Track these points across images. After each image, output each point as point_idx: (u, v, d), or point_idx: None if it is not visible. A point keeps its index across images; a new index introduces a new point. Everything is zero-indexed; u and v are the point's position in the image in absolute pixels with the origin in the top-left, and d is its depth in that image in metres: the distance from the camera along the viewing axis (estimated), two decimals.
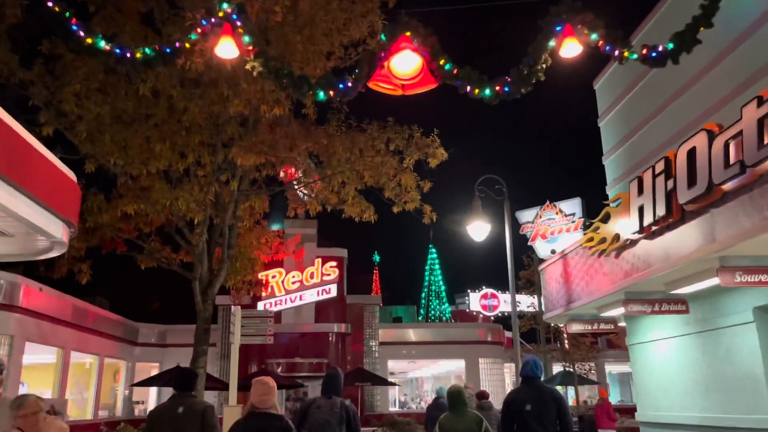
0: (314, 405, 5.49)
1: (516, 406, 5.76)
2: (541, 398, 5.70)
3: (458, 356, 24.23)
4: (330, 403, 5.46)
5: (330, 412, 5.41)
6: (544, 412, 5.62)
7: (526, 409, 5.67)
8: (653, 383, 11.34)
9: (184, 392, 5.19)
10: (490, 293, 33.33)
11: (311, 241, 22.98)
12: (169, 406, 5.10)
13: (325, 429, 5.29)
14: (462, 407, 5.76)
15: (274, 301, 22.27)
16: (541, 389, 5.82)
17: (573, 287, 11.51)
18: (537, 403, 5.66)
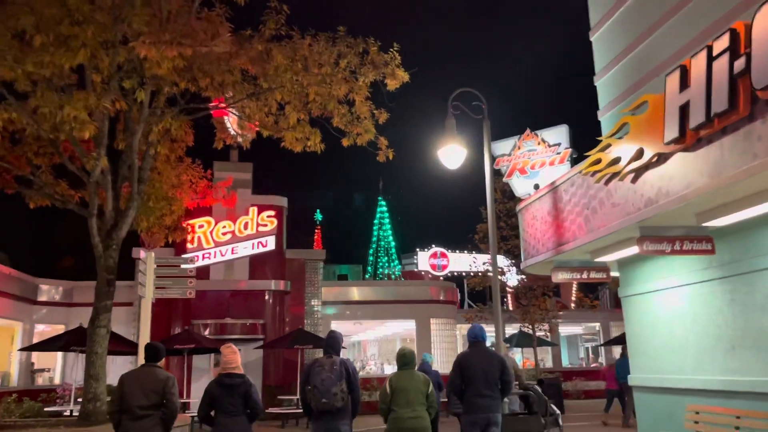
0: (316, 364, 5.92)
1: (464, 366, 6.49)
2: (487, 360, 6.47)
3: (408, 316, 22.20)
4: (330, 362, 5.88)
5: (331, 369, 5.83)
6: (489, 372, 6.39)
7: (473, 370, 6.40)
8: (655, 342, 9.48)
9: (150, 363, 5.83)
10: (439, 252, 31.52)
11: (245, 187, 20.15)
12: (137, 375, 5.73)
13: (327, 385, 5.74)
14: (411, 367, 6.22)
15: (201, 254, 19.41)
16: (486, 352, 6.60)
17: (566, 226, 9.42)
18: (482, 365, 6.43)
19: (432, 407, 6.07)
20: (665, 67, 7.69)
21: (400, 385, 6.04)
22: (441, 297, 22.92)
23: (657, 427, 9.14)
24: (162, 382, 5.64)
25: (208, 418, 5.68)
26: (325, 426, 5.80)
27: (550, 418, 11.38)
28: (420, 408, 5.96)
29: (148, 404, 5.55)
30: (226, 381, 5.64)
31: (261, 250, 19.94)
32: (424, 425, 5.93)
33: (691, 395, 8.53)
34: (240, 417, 5.60)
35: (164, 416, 5.62)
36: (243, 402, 5.62)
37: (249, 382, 5.70)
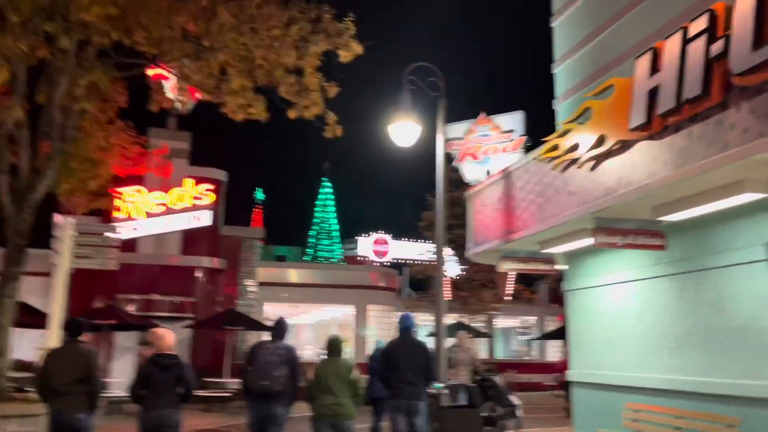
0: (262, 347, 6.11)
1: (392, 355, 6.73)
2: (413, 348, 6.70)
3: (346, 302, 21.70)
4: (275, 346, 6.07)
5: (275, 353, 6.00)
6: (415, 360, 6.58)
7: (399, 358, 6.61)
8: (598, 338, 9.30)
9: (72, 338, 5.86)
10: (381, 239, 31.09)
11: (182, 157, 19.04)
12: (61, 351, 5.88)
13: (269, 368, 5.87)
14: (338, 354, 6.21)
15: (130, 225, 18.22)
16: (413, 341, 6.83)
17: (517, 214, 9.06)
18: (409, 354, 6.63)
19: (356, 394, 6.10)
20: (635, 51, 7.36)
21: (324, 373, 6.08)
22: (381, 283, 22.52)
23: (594, 424, 8.96)
24: (85, 357, 5.65)
25: (139, 397, 5.68)
26: (262, 408, 5.92)
27: (508, 409, 11.23)
28: (342, 395, 5.98)
29: (71, 380, 5.52)
30: (160, 361, 5.70)
31: (195, 225, 18.92)
32: (345, 412, 5.97)
33: (632, 393, 8.37)
34: (172, 397, 5.64)
35: (89, 392, 5.60)
36: (176, 382, 5.67)
37: (183, 363, 5.79)
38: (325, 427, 5.98)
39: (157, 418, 5.57)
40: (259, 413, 5.96)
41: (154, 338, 5.97)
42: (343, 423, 5.99)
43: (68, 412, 5.54)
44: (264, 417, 6.02)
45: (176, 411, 5.67)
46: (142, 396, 5.64)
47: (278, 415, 5.98)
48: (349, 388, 6.05)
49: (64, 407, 5.54)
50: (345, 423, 6.00)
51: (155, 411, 5.57)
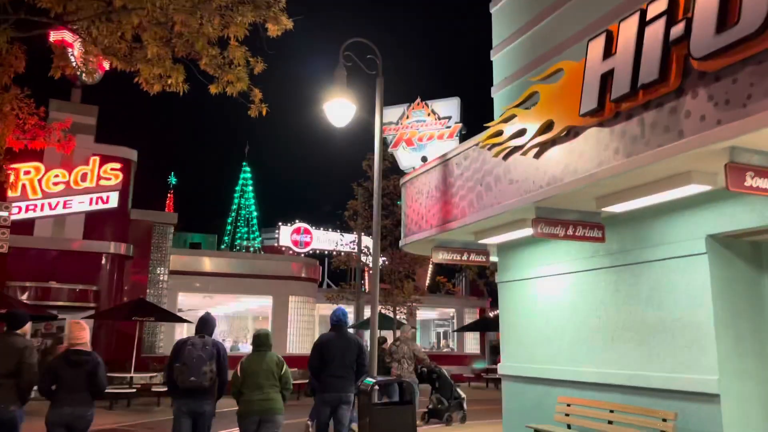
0: (188, 343, 5.93)
1: (324, 348, 6.79)
2: (346, 342, 6.80)
3: (265, 292, 20.80)
4: (202, 342, 5.93)
5: (202, 348, 5.87)
6: (347, 353, 6.73)
7: (332, 352, 6.70)
8: (530, 330, 9.15)
9: (10, 330, 5.73)
10: (303, 228, 30.29)
11: (87, 133, 17.42)
12: None
13: (197, 364, 5.73)
14: (266, 349, 6.17)
15: (25, 205, 16.48)
16: (346, 335, 6.94)
17: (455, 202, 8.71)
18: (341, 346, 6.75)
19: (286, 388, 6.12)
20: (585, 34, 7.14)
21: (251, 369, 6.04)
22: (302, 274, 21.80)
23: (524, 417, 8.81)
24: (19, 350, 5.58)
25: (49, 393, 5.59)
26: (189, 404, 5.82)
27: (455, 401, 11.14)
28: (271, 390, 5.99)
29: (4, 372, 5.46)
30: (72, 357, 5.61)
31: (100, 207, 17.41)
32: (273, 407, 5.97)
33: (564, 386, 8.25)
34: (82, 394, 5.57)
35: (20, 384, 5.54)
36: (87, 380, 5.58)
37: (96, 360, 5.70)
38: (252, 423, 5.93)
39: (68, 416, 5.51)
40: (187, 410, 5.84)
41: (67, 332, 6.22)
42: (272, 418, 5.96)
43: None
44: (191, 413, 5.86)
45: (88, 409, 5.63)
46: (52, 390, 5.58)
47: (206, 411, 5.90)
48: (278, 383, 6.07)
49: None
50: (274, 418, 5.98)
51: (65, 408, 5.51)
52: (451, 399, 11.34)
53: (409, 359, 10.82)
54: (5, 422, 5.48)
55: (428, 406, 11.50)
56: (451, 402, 11.28)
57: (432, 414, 11.32)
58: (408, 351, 10.92)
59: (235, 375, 6.06)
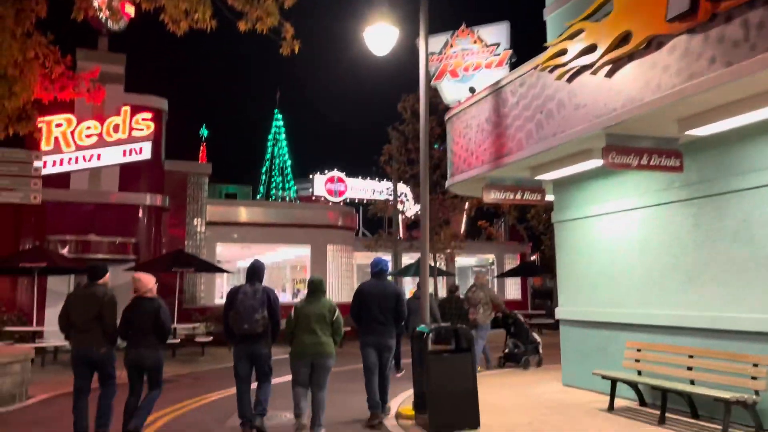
0: (240, 291, 6.19)
1: (363, 296, 7.03)
2: (384, 290, 7.01)
3: (303, 242, 20.47)
4: (253, 289, 6.19)
5: (253, 296, 6.13)
6: (385, 301, 6.91)
7: (370, 299, 6.93)
8: (592, 272, 8.50)
9: (92, 281, 6.24)
10: (337, 176, 29.78)
11: (116, 82, 16.94)
12: (81, 293, 6.27)
13: (249, 311, 6.05)
14: (319, 294, 6.38)
15: (59, 158, 16.26)
16: (385, 283, 7.15)
17: (510, 134, 7.97)
18: (380, 294, 6.96)
19: (337, 333, 6.29)
20: None
21: (304, 312, 6.21)
22: (339, 222, 21.36)
23: (586, 363, 8.26)
24: (100, 299, 6.06)
25: (124, 336, 6.11)
26: (245, 349, 6.15)
27: (531, 346, 11.35)
28: (322, 334, 6.15)
29: (90, 318, 5.99)
30: (140, 304, 6.11)
31: (134, 158, 17.07)
32: (322, 350, 6.13)
33: (632, 331, 7.65)
34: (150, 336, 6.04)
35: (104, 329, 6.01)
36: (153, 323, 6.03)
37: (159, 305, 6.14)
38: (304, 366, 6.13)
39: (137, 356, 6.02)
40: (244, 353, 6.18)
41: (133, 281, 6.30)
42: (322, 361, 6.14)
43: (86, 346, 6.01)
44: (249, 356, 6.19)
45: (153, 350, 6.05)
46: (129, 334, 6.10)
47: (261, 354, 6.21)
48: (330, 328, 6.21)
49: (83, 343, 6.03)
50: (324, 361, 6.15)
51: (135, 350, 6.03)
52: (527, 343, 11.41)
53: (486, 305, 10.84)
54: (96, 361, 6.04)
55: (504, 351, 11.66)
56: (528, 346, 11.36)
57: (508, 358, 11.49)
58: (484, 296, 10.93)
59: (289, 318, 6.25)
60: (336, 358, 6.28)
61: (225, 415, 7.43)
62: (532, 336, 11.43)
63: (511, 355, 11.45)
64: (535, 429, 6.40)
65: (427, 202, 7.80)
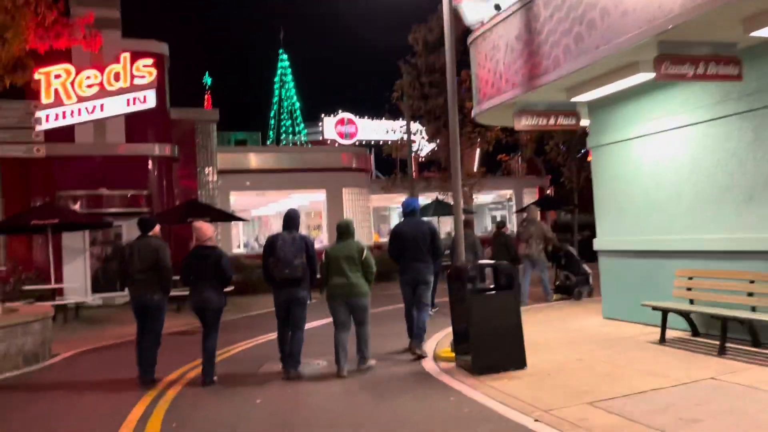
0: (279, 239, 6.40)
1: (399, 235, 7.40)
2: (418, 228, 7.34)
3: (317, 186, 20.00)
4: (291, 237, 6.40)
5: (292, 243, 6.34)
6: (419, 239, 7.22)
7: (405, 237, 7.27)
8: (634, 198, 7.94)
9: (144, 234, 6.77)
10: (347, 118, 29.00)
11: (113, 27, 16.10)
12: (135, 244, 6.71)
13: (289, 257, 6.26)
14: (348, 237, 6.61)
15: (62, 111, 15.63)
16: (418, 222, 7.52)
17: (544, 52, 7.26)
18: (414, 232, 7.27)
19: (369, 272, 6.49)
20: None
21: (334, 255, 6.50)
22: (353, 164, 20.82)
23: (631, 295, 7.82)
24: (154, 250, 6.57)
25: (187, 282, 6.57)
26: (285, 294, 6.37)
27: (582, 277, 11.34)
28: (353, 275, 6.38)
29: (145, 268, 6.49)
30: (200, 252, 6.48)
31: (138, 107, 16.38)
32: (355, 290, 6.38)
33: (682, 258, 7.15)
34: (212, 281, 6.39)
35: (159, 278, 6.53)
36: (214, 269, 6.38)
37: (220, 253, 6.52)
38: (339, 306, 6.42)
39: (201, 300, 6.38)
40: (284, 298, 6.40)
41: (194, 230, 6.67)
42: (356, 300, 6.39)
43: (144, 294, 6.55)
44: (287, 301, 6.39)
45: (215, 294, 6.41)
46: (190, 282, 6.49)
47: (300, 297, 6.39)
48: (360, 268, 6.42)
49: (140, 291, 6.56)
50: (358, 300, 6.40)
51: (199, 295, 6.39)
52: (578, 275, 11.36)
53: (538, 239, 11.03)
54: (151, 307, 6.57)
55: (556, 283, 11.77)
56: (579, 278, 11.34)
57: (559, 290, 11.59)
58: (536, 231, 11.10)
59: (321, 261, 6.49)
60: (370, 295, 6.50)
61: (256, 364, 7.15)
62: (583, 268, 11.32)
63: (562, 287, 11.55)
64: (588, 366, 6.02)
65: (456, 131, 7.20)
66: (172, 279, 6.61)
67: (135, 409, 5.54)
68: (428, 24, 18.49)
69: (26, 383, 7.17)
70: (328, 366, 6.74)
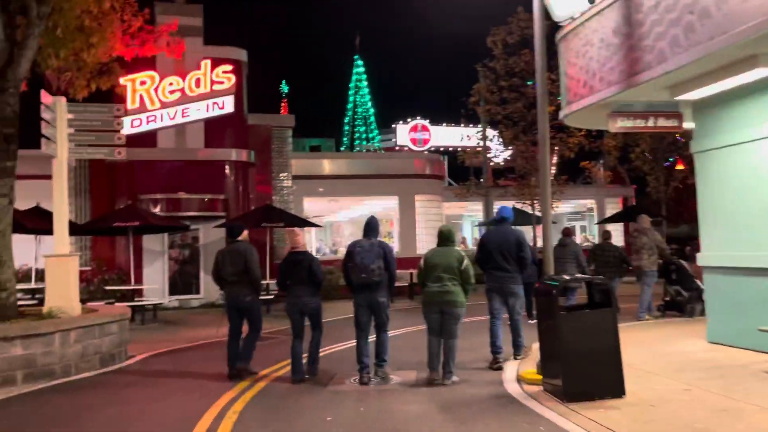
0: (358, 245, 6.58)
1: (485, 243, 7.51)
2: (505, 238, 7.32)
3: (390, 192, 19.67)
4: (370, 243, 6.55)
5: (370, 249, 6.49)
6: (505, 248, 7.21)
7: (491, 246, 7.32)
8: (749, 208, 7.07)
9: (232, 239, 7.40)
10: (420, 125, 28.65)
11: (195, 35, 16.46)
12: (227, 249, 7.30)
13: (365, 263, 6.40)
14: (448, 244, 6.65)
15: (146, 117, 16.12)
16: (506, 230, 7.44)
17: (646, 45, 6.58)
18: (500, 242, 7.28)
19: (468, 282, 6.39)
20: None
21: (433, 262, 6.47)
22: (427, 171, 20.37)
23: (745, 318, 6.95)
24: (243, 254, 6.98)
25: (284, 286, 6.95)
26: (364, 297, 6.52)
27: (694, 293, 10.39)
28: (450, 283, 6.30)
29: (237, 270, 6.93)
30: (294, 257, 6.82)
31: (217, 113, 16.70)
32: (449, 299, 6.30)
33: None
34: (306, 285, 6.74)
35: (250, 280, 6.99)
36: (308, 273, 6.70)
37: (311, 258, 6.89)
38: (433, 313, 6.38)
39: (297, 302, 6.75)
40: (363, 301, 6.54)
41: (288, 237, 7.31)
42: (451, 309, 6.29)
43: (236, 296, 7.00)
44: (367, 304, 6.53)
45: (312, 297, 6.78)
46: (287, 286, 6.88)
47: (380, 302, 6.52)
48: (459, 277, 6.32)
49: (233, 292, 7.02)
50: (453, 309, 6.29)
51: (296, 298, 6.74)
52: (691, 290, 10.49)
53: (650, 249, 10.32)
54: (244, 307, 7.03)
55: (665, 299, 10.96)
56: (691, 293, 10.43)
57: (669, 306, 10.78)
58: (648, 241, 10.41)
59: (419, 267, 6.59)
60: (465, 307, 6.38)
61: (327, 375, 6.84)
62: (696, 283, 10.35)
63: (672, 303, 10.68)
64: (698, 397, 5.30)
65: (547, 134, 6.64)
66: (261, 280, 7.18)
67: (203, 419, 5.33)
68: (508, 26, 17.86)
69: (103, 383, 7.18)
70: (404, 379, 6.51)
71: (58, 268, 8.50)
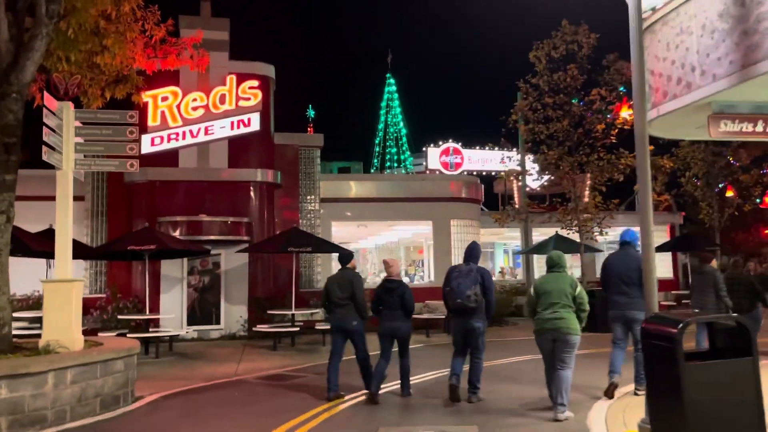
0: (455, 270, 6.94)
1: (606, 268, 7.37)
2: (625, 262, 7.09)
3: (423, 217, 18.41)
4: (468, 269, 6.81)
5: (467, 275, 6.71)
6: (624, 273, 6.97)
7: (611, 270, 7.19)
8: None
9: (343, 265, 7.85)
10: (452, 148, 27.50)
11: (221, 50, 15.57)
12: (336, 275, 7.72)
13: (461, 288, 6.63)
14: (559, 270, 6.46)
15: (167, 134, 15.21)
16: (627, 254, 7.21)
17: (764, 29, 5.33)
18: (620, 266, 7.09)
19: (582, 309, 6.18)
20: None
21: (544, 289, 6.32)
22: (463, 194, 19.10)
23: None
24: (350, 281, 7.50)
25: (377, 312, 7.41)
26: (461, 323, 6.86)
27: None
28: (562, 310, 6.13)
29: (345, 296, 7.40)
30: (388, 285, 7.33)
31: (243, 131, 15.73)
32: (562, 326, 6.08)
33: None
34: (398, 311, 7.23)
35: (356, 305, 7.38)
36: (400, 301, 7.20)
37: (404, 286, 7.36)
38: (546, 341, 6.22)
39: (389, 328, 7.21)
40: (459, 326, 6.83)
41: (385, 267, 7.55)
42: (564, 337, 6.07)
43: (343, 320, 7.36)
44: (464, 330, 6.77)
45: (403, 323, 7.23)
46: (380, 310, 7.31)
47: (475, 328, 6.72)
48: (573, 303, 6.16)
49: (340, 316, 7.38)
50: (566, 337, 6.07)
51: (389, 323, 7.20)
52: None
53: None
54: (350, 331, 7.34)
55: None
56: None
57: None
58: None
59: (528, 294, 6.68)
60: (580, 335, 6.17)
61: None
62: None
63: None
64: None
65: (646, 143, 5.42)
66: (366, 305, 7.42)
67: None
68: (551, 40, 16.72)
69: None
70: None
71: (57, 296, 7.40)
